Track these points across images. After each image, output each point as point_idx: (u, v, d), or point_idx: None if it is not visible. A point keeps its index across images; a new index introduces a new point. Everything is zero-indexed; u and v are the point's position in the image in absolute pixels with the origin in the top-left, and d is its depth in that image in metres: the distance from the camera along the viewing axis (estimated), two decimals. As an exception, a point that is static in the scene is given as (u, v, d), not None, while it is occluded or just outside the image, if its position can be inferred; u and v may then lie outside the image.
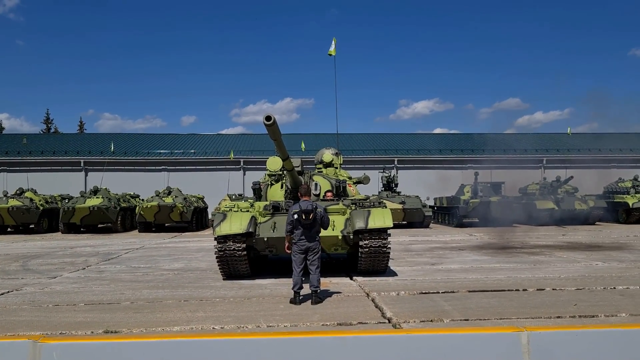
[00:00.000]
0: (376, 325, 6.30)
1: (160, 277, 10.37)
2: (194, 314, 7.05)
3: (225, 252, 9.44)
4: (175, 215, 23.66)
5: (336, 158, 12.63)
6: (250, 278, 9.85)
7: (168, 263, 12.60)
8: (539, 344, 3.89)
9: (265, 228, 9.66)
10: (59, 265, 12.54)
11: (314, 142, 34.79)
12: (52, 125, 63.77)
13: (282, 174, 11.30)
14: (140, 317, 6.90)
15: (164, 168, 34.09)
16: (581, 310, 6.86)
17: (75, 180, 32.53)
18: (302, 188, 8.21)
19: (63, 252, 15.48)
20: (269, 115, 7.70)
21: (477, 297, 7.83)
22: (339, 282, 9.46)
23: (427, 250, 14.85)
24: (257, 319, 6.64)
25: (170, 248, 16.46)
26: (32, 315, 7.13)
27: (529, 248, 14.87)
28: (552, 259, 12.42)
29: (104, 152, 34.54)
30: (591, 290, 8.28)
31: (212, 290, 8.79)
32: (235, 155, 33.43)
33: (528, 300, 7.61)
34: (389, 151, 36.36)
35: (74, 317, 6.95)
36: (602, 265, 11.24)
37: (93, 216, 23.40)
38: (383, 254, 9.67)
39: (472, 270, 10.75)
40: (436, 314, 6.73)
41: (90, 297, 8.37)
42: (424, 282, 9.28)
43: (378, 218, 9.51)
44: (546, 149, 37.20)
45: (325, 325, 6.32)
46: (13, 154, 34.22)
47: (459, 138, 41.10)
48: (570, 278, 9.51)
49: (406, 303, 7.50)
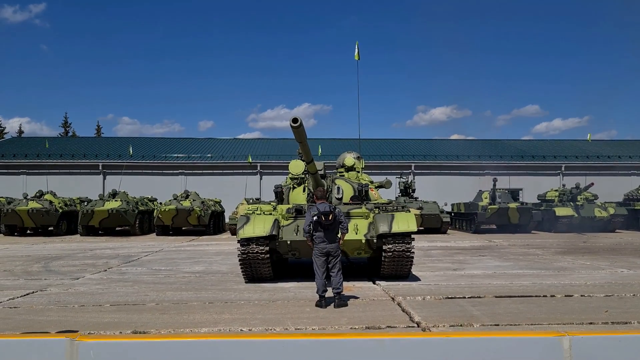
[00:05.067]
0: (405, 329, 6.23)
1: (183, 280, 10.38)
2: (220, 315, 7.02)
3: (249, 255, 9.43)
4: (192, 219, 23.73)
5: (358, 162, 12.59)
6: (272, 281, 9.83)
7: (189, 266, 12.61)
8: (580, 349, 3.82)
9: (288, 231, 9.64)
10: (80, 266, 12.60)
11: (331, 147, 34.75)
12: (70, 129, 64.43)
13: (305, 177, 11.28)
14: (167, 318, 6.89)
15: (181, 172, 34.21)
16: (613, 317, 6.74)
17: (93, 183, 32.75)
18: (319, 191, 8.19)
19: (83, 254, 15.57)
20: (295, 117, 7.70)
21: (504, 303, 7.73)
22: (362, 286, 9.40)
23: (447, 255, 14.74)
24: (285, 322, 6.60)
25: (189, 251, 16.49)
26: (59, 315, 7.15)
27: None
28: (575, 265, 12.26)
29: (122, 156, 34.74)
30: (621, 297, 8.14)
31: (236, 293, 8.77)
32: (252, 159, 33.50)
33: (557, 306, 7.49)
34: (406, 157, 36.20)
35: (101, 317, 6.96)
36: (627, 272, 11.07)
37: (111, 219, 23.55)
38: (407, 258, 9.60)
39: (496, 276, 10.64)
40: (465, 319, 6.65)
41: (115, 298, 8.39)
42: (448, 287, 9.19)
43: (402, 222, 9.45)
44: (565, 156, 36.83)
45: (353, 328, 6.27)
46: (32, 157, 34.56)
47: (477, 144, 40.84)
48: (598, 285, 9.37)
49: (433, 307, 7.43)
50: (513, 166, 34.68)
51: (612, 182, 32.50)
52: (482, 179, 31.84)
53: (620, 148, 39.70)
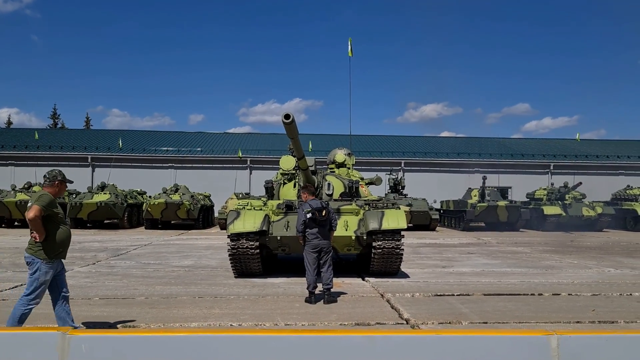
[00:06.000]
0: (394, 326, 6.27)
1: (172, 274, 10.36)
2: (210, 310, 7.03)
3: (239, 250, 9.44)
4: (182, 213, 23.68)
5: (349, 158, 12.61)
6: (262, 276, 9.84)
7: (178, 260, 12.59)
8: (568, 348, 3.86)
9: (278, 227, 9.64)
10: (69, 259, 12.39)
11: (322, 143, 34.77)
12: (59, 120, 63.97)
13: (295, 173, 11.29)
14: (157, 312, 6.89)
15: (170, 165, 34.09)
16: (600, 315, 6.82)
17: (82, 175, 32.51)
18: (309, 189, 8.22)
19: (71, 247, 15.27)
20: (288, 113, 7.70)
21: (493, 301, 7.80)
22: (352, 282, 9.44)
23: (436, 253, 14.81)
24: (274, 317, 6.62)
25: (178, 245, 16.45)
26: (48, 308, 7.08)
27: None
28: (562, 264, 12.37)
29: (111, 149, 34.56)
30: (607, 297, 8.23)
31: (226, 288, 8.78)
32: (242, 154, 33.43)
33: (545, 304, 7.56)
34: (396, 153, 36.30)
35: (90, 310, 6.94)
36: (614, 271, 11.19)
37: (100, 212, 23.42)
38: (396, 255, 9.64)
39: (484, 274, 10.71)
40: (454, 316, 6.70)
41: (104, 291, 8.38)
42: (437, 285, 9.24)
43: (392, 219, 9.49)
44: (554, 155, 37.11)
45: (343, 324, 6.30)
46: (21, 148, 34.28)
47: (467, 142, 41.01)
48: (585, 284, 9.47)
49: (422, 305, 7.47)
50: (502, 164, 34.88)
51: (600, 181, 32.81)
52: (472, 177, 32.04)
53: (609, 148, 40.04)
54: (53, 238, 5.43)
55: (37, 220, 5.27)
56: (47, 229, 5.39)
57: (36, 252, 5.41)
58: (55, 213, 5.48)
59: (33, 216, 5.24)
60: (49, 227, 5.42)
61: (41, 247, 5.40)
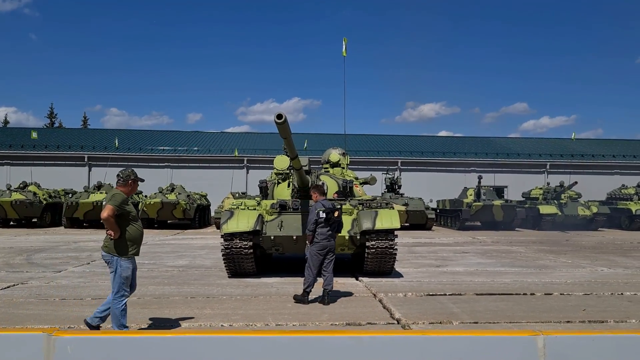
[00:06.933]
0: (385, 326, 6.28)
1: (166, 274, 10.35)
2: (202, 310, 7.03)
3: (232, 250, 9.43)
4: (178, 212, 23.64)
5: (343, 158, 12.61)
6: (255, 276, 9.84)
7: (172, 260, 12.58)
8: (554, 349, 3.87)
9: (272, 226, 9.64)
10: (63, 259, 12.52)
11: (317, 142, 34.77)
12: (55, 119, 63.81)
13: (289, 172, 11.27)
14: (148, 312, 6.88)
15: (167, 165, 34.06)
16: (590, 315, 6.84)
17: (78, 175, 32.50)
18: (320, 189, 8.16)
19: (67, 247, 15.46)
20: (280, 113, 7.67)
21: (485, 300, 7.81)
22: (345, 282, 9.44)
23: (431, 252, 14.83)
24: (266, 317, 6.62)
25: (173, 245, 16.45)
26: (39, 308, 7.12)
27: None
28: (556, 263, 12.39)
29: (107, 148, 34.49)
30: (599, 296, 8.25)
31: (219, 288, 8.77)
32: (239, 153, 33.41)
33: (537, 304, 7.58)
34: (392, 153, 36.33)
35: (81, 311, 6.92)
36: (607, 271, 11.21)
37: (96, 211, 23.31)
38: (390, 255, 9.64)
39: (477, 273, 10.72)
40: (445, 316, 6.71)
41: (97, 291, 8.36)
42: (430, 284, 9.25)
43: (385, 219, 9.49)
44: (549, 154, 37.16)
45: (334, 325, 6.31)
46: (17, 148, 34.21)
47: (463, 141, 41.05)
48: (577, 283, 9.49)
49: (414, 304, 7.48)
50: (498, 164, 34.95)
51: (596, 180, 32.89)
52: (468, 176, 32.10)
53: (604, 147, 40.11)
54: (126, 236, 5.55)
55: (110, 219, 5.42)
56: (120, 227, 5.51)
57: (113, 250, 5.52)
58: (128, 212, 5.60)
59: (107, 215, 5.39)
60: (122, 225, 5.54)
61: (116, 244, 5.51)
